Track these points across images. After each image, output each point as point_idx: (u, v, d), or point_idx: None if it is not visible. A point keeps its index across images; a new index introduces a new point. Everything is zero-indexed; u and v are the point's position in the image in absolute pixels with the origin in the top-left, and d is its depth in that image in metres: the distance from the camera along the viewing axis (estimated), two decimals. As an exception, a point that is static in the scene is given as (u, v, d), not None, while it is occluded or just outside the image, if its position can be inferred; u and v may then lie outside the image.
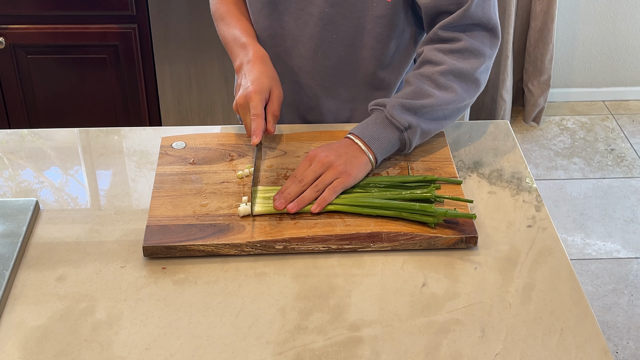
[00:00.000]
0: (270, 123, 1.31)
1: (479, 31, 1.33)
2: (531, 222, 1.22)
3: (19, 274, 1.11)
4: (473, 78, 1.31)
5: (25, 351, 0.99)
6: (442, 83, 1.29)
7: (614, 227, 2.73)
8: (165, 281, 1.10)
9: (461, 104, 1.31)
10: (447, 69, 1.29)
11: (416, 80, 1.30)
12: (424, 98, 1.28)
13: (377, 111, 1.30)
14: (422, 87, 1.29)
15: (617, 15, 3.30)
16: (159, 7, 2.48)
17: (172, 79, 2.63)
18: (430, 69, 1.30)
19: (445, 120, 1.32)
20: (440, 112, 1.30)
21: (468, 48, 1.31)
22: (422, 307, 1.06)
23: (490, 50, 1.34)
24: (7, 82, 2.59)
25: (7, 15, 2.47)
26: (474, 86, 1.32)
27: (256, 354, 0.99)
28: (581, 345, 1.01)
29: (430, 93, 1.28)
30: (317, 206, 1.19)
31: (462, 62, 1.30)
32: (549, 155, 3.13)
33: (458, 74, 1.30)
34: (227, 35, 1.46)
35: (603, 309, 2.38)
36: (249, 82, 1.32)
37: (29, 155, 1.38)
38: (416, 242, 1.15)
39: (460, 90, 1.30)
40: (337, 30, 1.40)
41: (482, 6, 1.31)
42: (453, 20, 1.31)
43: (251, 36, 1.43)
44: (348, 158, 1.23)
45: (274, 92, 1.33)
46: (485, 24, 1.32)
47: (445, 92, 1.29)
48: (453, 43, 1.32)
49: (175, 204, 1.21)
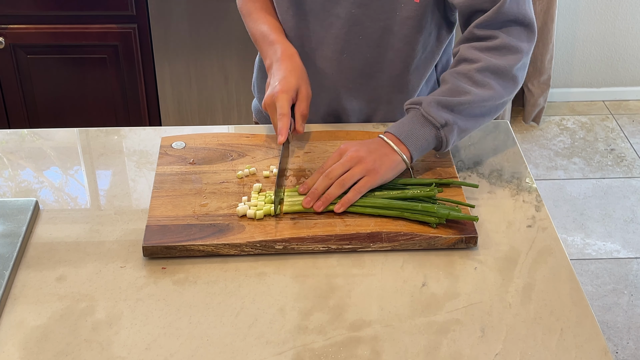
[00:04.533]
0: (298, 122, 1.30)
1: (515, 27, 1.30)
2: (531, 222, 1.22)
3: (18, 274, 1.11)
4: (510, 75, 1.29)
5: (25, 351, 0.99)
6: (479, 80, 1.27)
7: (614, 227, 2.73)
8: (165, 281, 1.10)
9: (499, 101, 1.29)
10: (484, 65, 1.27)
11: (452, 78, 1.28)
12: (460, 95, 1.26)
13: (412, 110, 1.28)
14: (459, 85, 1.27)
15: (617, 15, 3.30)
16: (159, 7, 2.48)
17: (172, 79, 2.63)
18: (467, 67, 1.28)
19: (483, 118, 1.30)
20: (478, 110, 1.28)
21: (505, 45, 1.29)
22: (422, 307, 1.06)
23: (528, 46, 1.31)
24: (7, 82, 2.59)
25: (7, 15, 2.47)
26: (512, 83, 1.30)
27: (256, 354, 0.99)
28: (581, 345, 1.01)
29: (467, 90, 1.26)
30: (340, 206, 1.19)
31: (499, 58, 1.28)
32: (549, 155, 3.13)
33: (495, 71, 1.28)
34: (255, 33, 1.44)
35: (603, 309, 2.38)
36: (276, 81, 1.31)
37: (29, 155, 1.38)
38: (416, 242, 1.15)
39: (498, 87, 1.28)
40: (364, 32, 1.39)
41: (517, 2, 1.29)
42: (488, 17, 1.29)
43: (279, 33, 1.41)
44: (379, 156, 1.22)
45: (302, 91, 1.32)
46: (521, 20, 1.30)
47: (483, 89, 1.27)
48: (489, 41, 1.30)
49: (175, 204, 1.21)
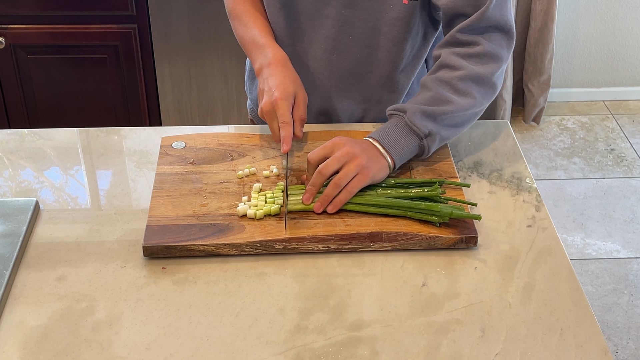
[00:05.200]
0: (297, 128, 1.30)
1: (496, 34, 1.31)
2: (531, 222, 1.22)
3: (19, 274, 1.11)
4: (490, 83, 1.30)
5: (25, 351, 0.99)
6: (461, 89, 1.28)
7: (614, 227, 2.73)
8: (165, 281, 1.10)
9: (478, 109, 1.31)
10: (466, 74, 1.28)
11: (435, 85, 1.29)
12: (443, 104, 1.27)
13: (396, 117, 1.29)
14: (442, 93, 1.28)
15: (617, 15, 3.30)
16: (159, 7, 2.48)
17: (172, 79, 2.62)
18: (449, 74, 1.29)
19: (462, 126, 1.31)
20: (459, 118, 1.29)
21: (486, 52, 1.30)
22: (422, 307, 1.06)
23: (507, 53, 1.33)
24: (7, 82, 2.59)
25: (7, 15, 2.47)
26: (491, 90, 1.31)
27: (256, 354, 0.99)
28: (581, 345, 1.01)
29: (450, 99, 1.27)
30: (332, 207, 1.20)
31: (480, 66, 1.29)
32: (549, 155, 3.13)
33: (477, 79, 1.29)
34: (245, 36, 1.44)
35: (603, 309, 2.38)
36: (273, 87, 1.30)
37: (29, 155, 1.38)
38: (416, 242, 1.15)
39: (479, 95, 1.29)
40: (353, 32, 1.39)
41: (500, 8, 1.30)
42: (471, 22, 1.29)
43: (269, 37, 1.41)
44: (371, 155, 1.23)
45: (299, 96, 1.32)
46: (502, 26, 1.31)
47: (465, 97, 1.28)
48: (471, 47, 1.30)
49: (175, 204, 1.21)
